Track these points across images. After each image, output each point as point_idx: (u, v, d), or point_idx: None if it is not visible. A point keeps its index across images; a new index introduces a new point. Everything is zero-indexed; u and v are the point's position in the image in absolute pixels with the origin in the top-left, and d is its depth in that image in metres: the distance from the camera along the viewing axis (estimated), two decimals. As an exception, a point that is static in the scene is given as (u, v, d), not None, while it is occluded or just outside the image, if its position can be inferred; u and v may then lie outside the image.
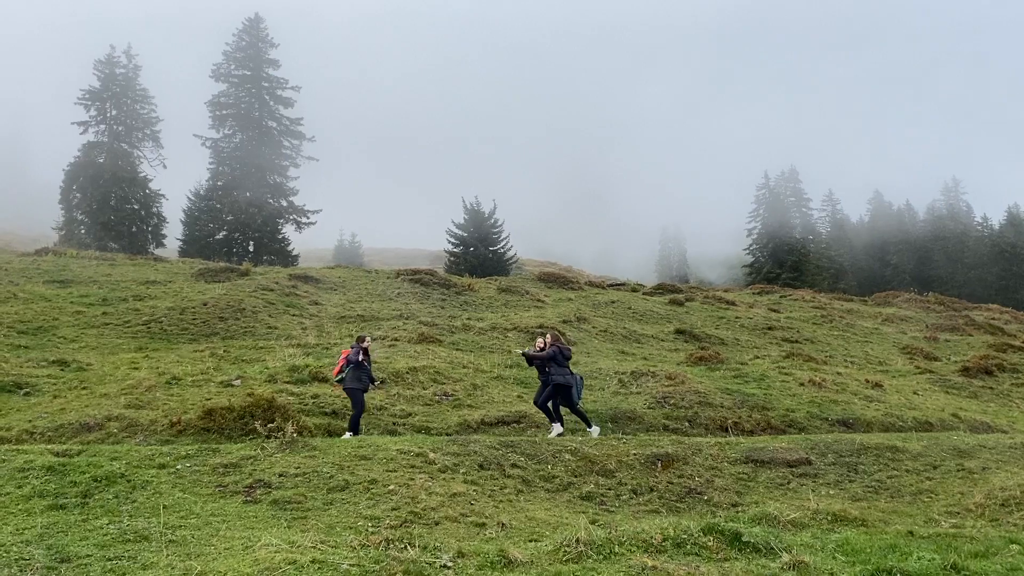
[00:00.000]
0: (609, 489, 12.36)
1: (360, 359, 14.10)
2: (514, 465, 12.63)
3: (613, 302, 32.48)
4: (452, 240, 56.63)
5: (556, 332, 16.76)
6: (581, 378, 15.22)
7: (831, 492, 12.77)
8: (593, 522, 10.15)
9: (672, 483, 12.74)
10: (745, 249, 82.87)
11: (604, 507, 11.72)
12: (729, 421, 16.93)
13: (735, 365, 21.96)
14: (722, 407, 17.63)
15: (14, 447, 12.07)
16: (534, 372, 19.52)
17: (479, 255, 54.36)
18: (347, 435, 13.67)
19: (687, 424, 16.64)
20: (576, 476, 12.65)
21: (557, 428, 14.60)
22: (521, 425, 15.40)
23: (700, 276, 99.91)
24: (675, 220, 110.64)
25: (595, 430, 14.96)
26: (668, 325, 29.36)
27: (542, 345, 15.06)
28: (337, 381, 14.48)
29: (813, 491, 12.61)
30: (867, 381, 21.39)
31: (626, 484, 12.56)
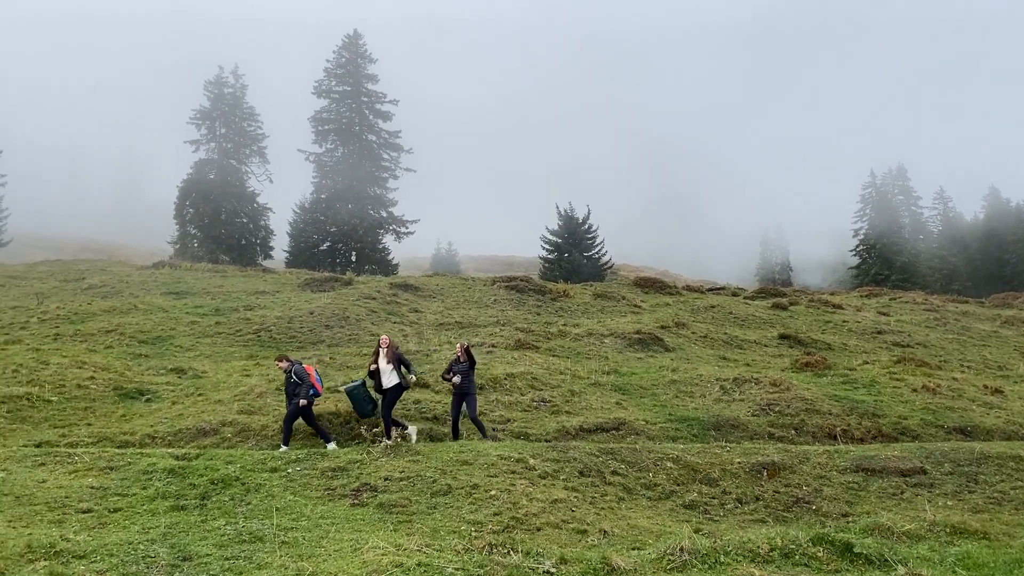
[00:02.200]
0: (713, 498, 12.15)
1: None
2: (615, 472, 12.57)
3: (713, 307, 31.87)
4: (546, 246, 56.78)
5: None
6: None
7: (949, 503, 12.18)
8: (697, 531, 10.00)
9: (779, 492, 12.41)
10: (851, 250, 79.85)
11: (708, 516, 11.52)
12: (838, 429, 16.35)
13: (843, 371, 21.20)
14: (830, 414, 17.06)
15: (138, 451, 12.79)
16: (634, 379, 19.43)
17: (574, 261, 54.29)
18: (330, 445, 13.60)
19: (793, 432, 16.16)
20: (678, 484, 12.48)
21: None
22: (620, 432, 15.29)
23: (802, 280, 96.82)
24: (776, 222, 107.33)
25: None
26: (771, 330, 28.59)
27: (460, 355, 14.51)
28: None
29: (929, 501, 12.05)
30: (986, 387, 20.29)
31: (730, 493, 12.31)
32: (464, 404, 14.23)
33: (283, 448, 13.25)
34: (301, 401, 13.36)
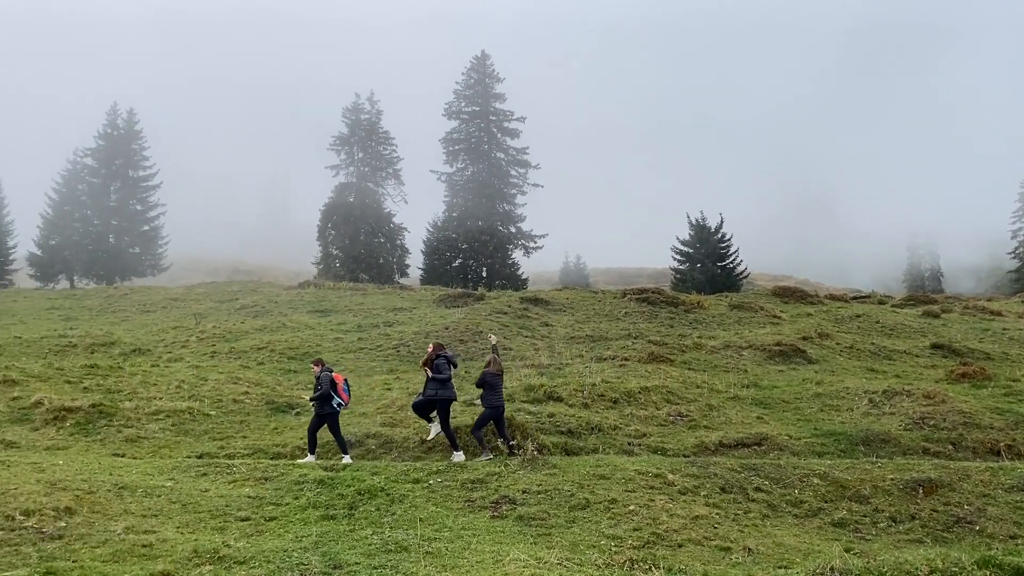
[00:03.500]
0: (864, 516, 11.57)
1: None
2: (758, 488, 12.18)
3: (858, 316, 30.39)
4: (677, 257, 55.82)
5: (439, 341, 15.15)
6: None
7: None
8: (848, 550, 9.55)
9: (936, 511, 11.68)
10: (1009, 253, 74.30)
11: (859, 535, 10.98)
12: (1001, 444, 15.22)
13: (1005, 382, 19.74)
14: (992, 428, 15.91)
15: (290, 462, 13.45)
16: (776, 393, 18.82)
17: (707, 271, 53.06)
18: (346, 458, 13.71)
19: (951, 447, 15.17)
20: (826, 502, 11.96)
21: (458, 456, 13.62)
22: (762, 447, 14.81)
23: (953, 286, 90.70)
24: (922, 225, 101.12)
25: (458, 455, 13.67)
26: (922, 339, 26.97)
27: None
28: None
29: (1114, 526, 11.02)
30: None
31: (883, 511, 11.69)
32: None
33: (309, 458, 13.64)
34: (334, 405, 13.72)
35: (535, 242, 61.80)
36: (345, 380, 14.30)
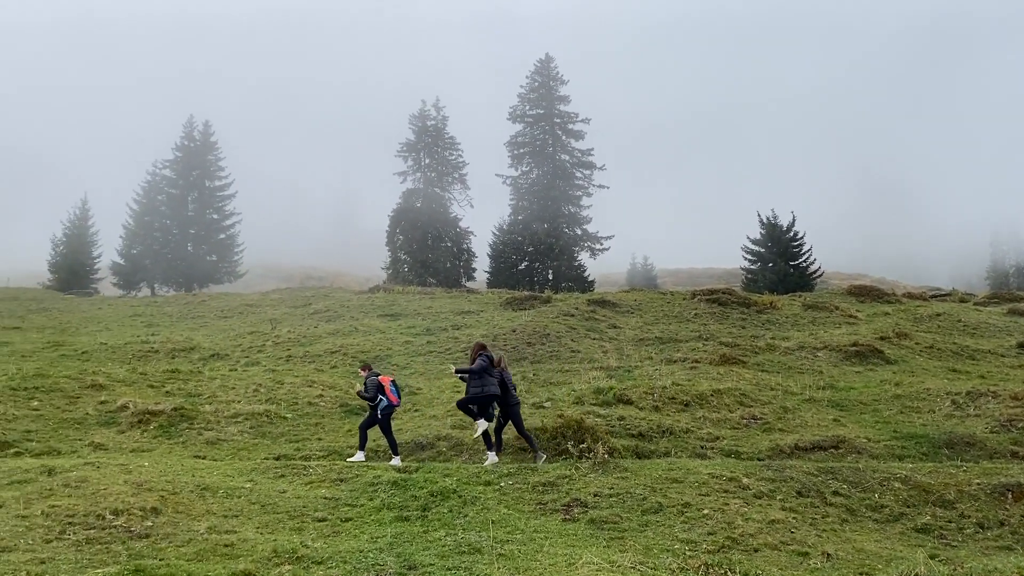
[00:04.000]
0: (949, 522, 11.18)
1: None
2: (836, 493, 11.89)
3: (938, 315, 29.36)
4: (748, 256, 54.83)
5: (481, 342, 15.14)
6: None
7: None
8: (933, 556, 9.26)
9: (1028, 518, 11.20)
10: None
11: (944, 541, 10.61)
12: (1097, 448, 14.50)
13: (1101, 383, 18.82)
14: (1087, 432, 15.18)
15: (365, 464, 13.68)
16: (853, 394, 18.35)
17: (779, 271, 51.96)
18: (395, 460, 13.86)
19: (1042, 451, 14.52)
20: (908, 506, 11.59)
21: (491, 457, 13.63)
22: (840, 451, 14.42)
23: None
24: (1007, 219, 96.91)
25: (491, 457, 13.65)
26: (1008, 339, 25.89)
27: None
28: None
29: None
30: None
31: (969, 517, 11.27)
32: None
33: (358, 455, 14.05)
34: (382, 407, 14.07)
35: (601, 244, 61.62)
36: (392, 381, 14.52)
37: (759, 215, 54.74)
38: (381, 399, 14.10)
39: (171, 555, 9.13)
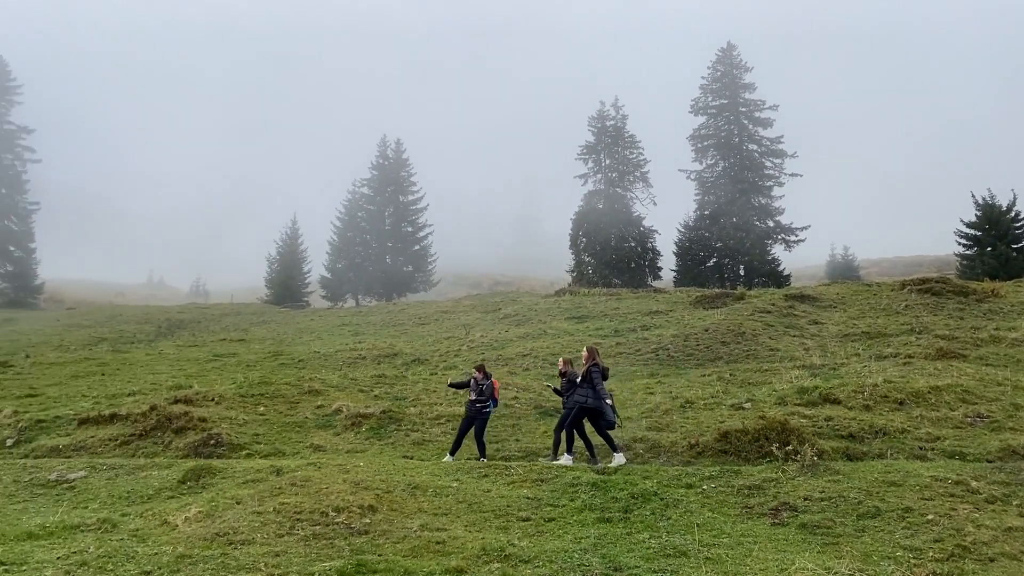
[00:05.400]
0: None
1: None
2: (1086, 499, 10.64)
3: None
4: (963, 242, 50.28)
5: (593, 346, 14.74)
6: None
7: None
8: None
9: None
10: None
11: None
12: None
13: None
14: None
15: (563, 465, 13.83)
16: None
17: (999, 255, 47.27)
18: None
19: None
20: None
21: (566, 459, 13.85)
22: (1087, 452, 12.91)
23: None
24: None
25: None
26: None
27: (562, 369, 14.54)
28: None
29: None
30: None
31: None
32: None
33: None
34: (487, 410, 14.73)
35: (796, 235, 58.81)
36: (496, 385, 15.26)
37: (973, 196, 50.16)
38: (495, 402, 14.83)
39: (388, 551, 9.65)
